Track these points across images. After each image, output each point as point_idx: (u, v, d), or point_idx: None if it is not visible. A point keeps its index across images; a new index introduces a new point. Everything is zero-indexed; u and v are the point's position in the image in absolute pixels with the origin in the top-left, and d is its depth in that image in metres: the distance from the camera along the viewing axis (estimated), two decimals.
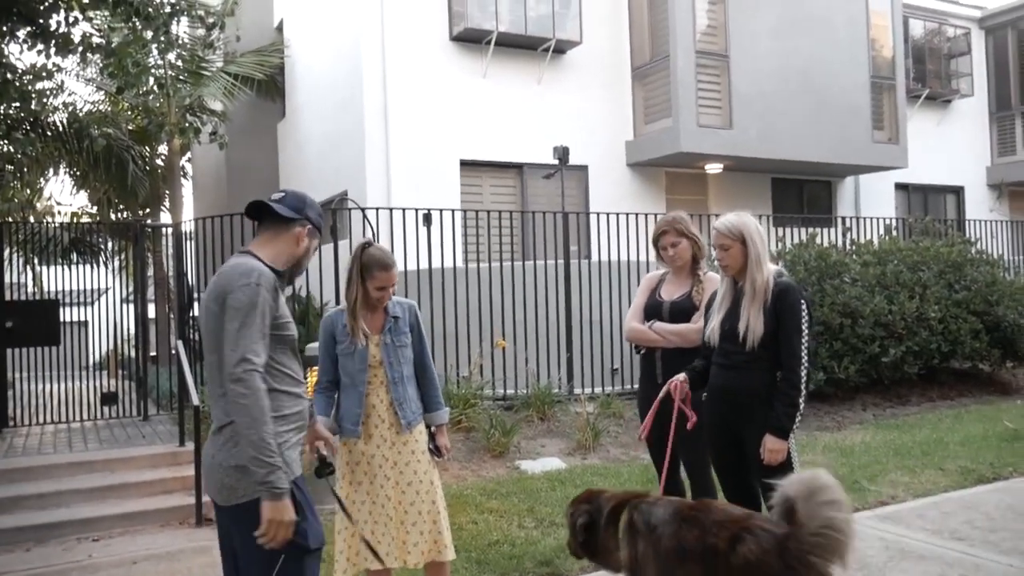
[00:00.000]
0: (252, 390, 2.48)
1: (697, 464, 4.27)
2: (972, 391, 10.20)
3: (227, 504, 2.62)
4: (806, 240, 10.01)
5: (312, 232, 2.82)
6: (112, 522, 6.13)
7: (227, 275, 2.63)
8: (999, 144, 17.46)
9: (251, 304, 2.54)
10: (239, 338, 2.52)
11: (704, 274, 4.31)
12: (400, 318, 3.89)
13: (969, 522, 5.36)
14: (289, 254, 2.78)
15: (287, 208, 2.78)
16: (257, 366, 2.51)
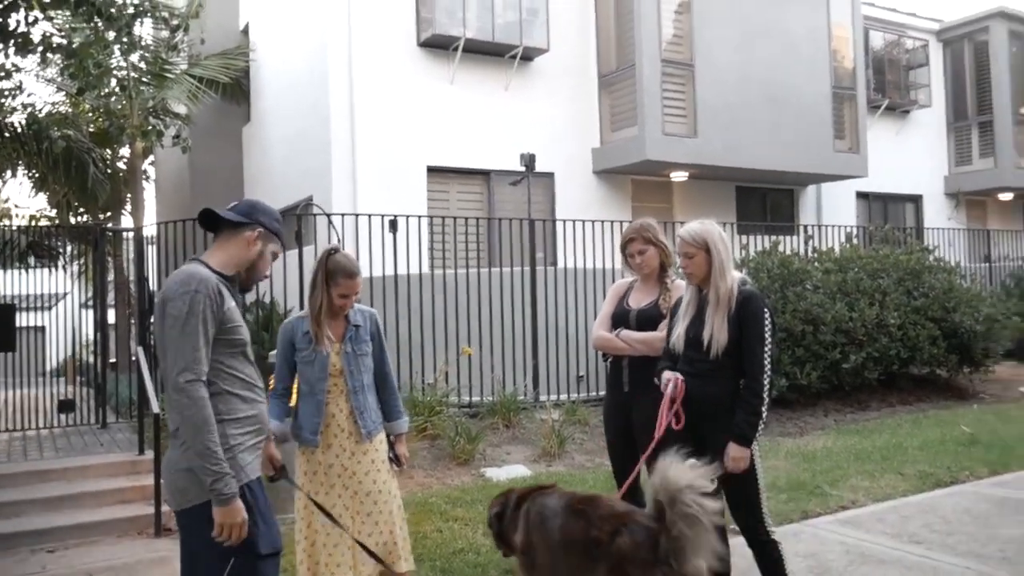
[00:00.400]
0: (193, 399, 2.51)
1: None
2: (930, 396, 10.38)
3: (179, 508, 2.64)
4: (769, 248, 10.13)
5: (266, 236, 2.83)
6: (68, 533, 5.99)
7: (169, 283, 2.64)
8: (956, 154, 17.83)
9: (189, 312, 2.55)
10: (179, 348, 2.54)
11: (672, 282, 4.31)
12: (361, 326, 3.85)
13: (927, 526, 5.45)
14: (240, 258, 2.79)
15: (236, 213, 2.81)
16: (198, 375, 2.53)
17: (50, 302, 12.14)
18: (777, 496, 6.12)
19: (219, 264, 2.73)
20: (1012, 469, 6.96)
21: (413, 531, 5.49)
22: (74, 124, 13.86)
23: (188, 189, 15.70)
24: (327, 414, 3.73)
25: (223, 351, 2.65)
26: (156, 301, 2.67)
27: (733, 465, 3.48)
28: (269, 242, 2.84)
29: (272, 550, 2.68)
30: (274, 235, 2.86)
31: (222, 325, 2.63)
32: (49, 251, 15.17)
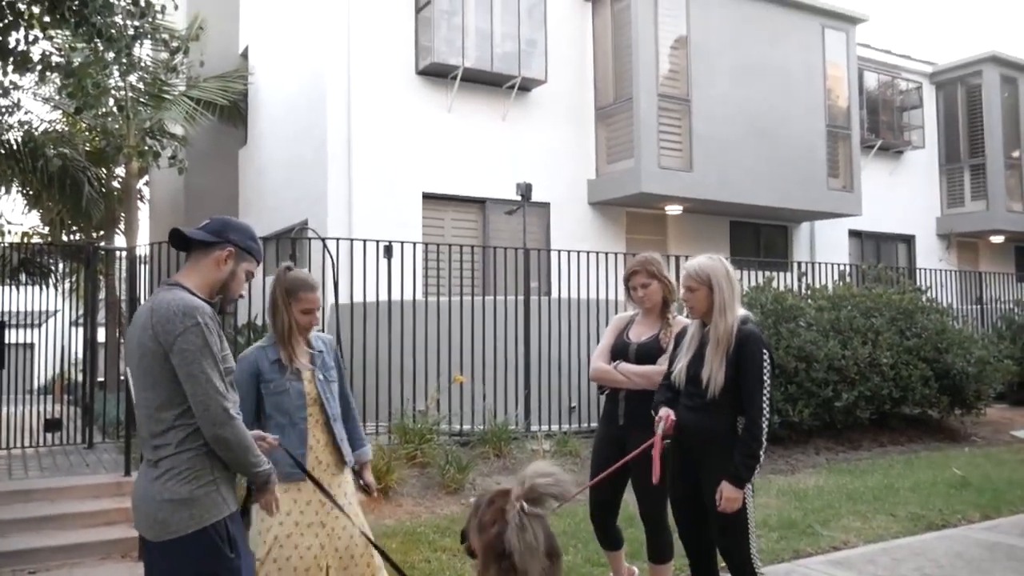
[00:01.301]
0: (238, 430, 2.58)
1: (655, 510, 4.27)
2: (922, 437, 10.36)
3: (157, 540, 2.55)
4: (763, 283, 10.15)
5: (238, 255, 2.76)
6: (50, 554, 5.89)
7: (164, 313, 2.55)
8: (948, 195, 17.99)
9: (204, 345, 2.53)
10: (210, 380, 2.52)
11: (673, 317, 4.33)
12: (324, 352, 3.73)
13: (919, 569, 5.41)
14: (213, 279, 2.73)
15: (207, 232, 2.74)
16: (232, 405, 2.57)
17: (40, 319, 12.06)
18: (768, 535, 6.07)
19: (195, 287, 2.67)
20: (1003, 514, 6.92)
21: (401, 560, 5.42)
22: (70, 143, 13.87)
23: (183, 210, 15.67)
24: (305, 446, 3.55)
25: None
26: (143, 327, 2.57)
27: (726, 505, 3.45)
28: (242, 261, 2.77)
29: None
30: (247, 253, 2.78)
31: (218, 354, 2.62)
32: (41, 268, 15.11)
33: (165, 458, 2.55)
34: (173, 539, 2.51)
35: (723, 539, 3.58)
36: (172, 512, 2.51)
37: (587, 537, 5.94)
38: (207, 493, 2.54)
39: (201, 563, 2.53)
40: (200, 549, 2.53)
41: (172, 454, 2.54)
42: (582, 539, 5.92)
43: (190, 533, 2.51)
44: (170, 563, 2.55)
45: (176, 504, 2.51)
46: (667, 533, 4.30)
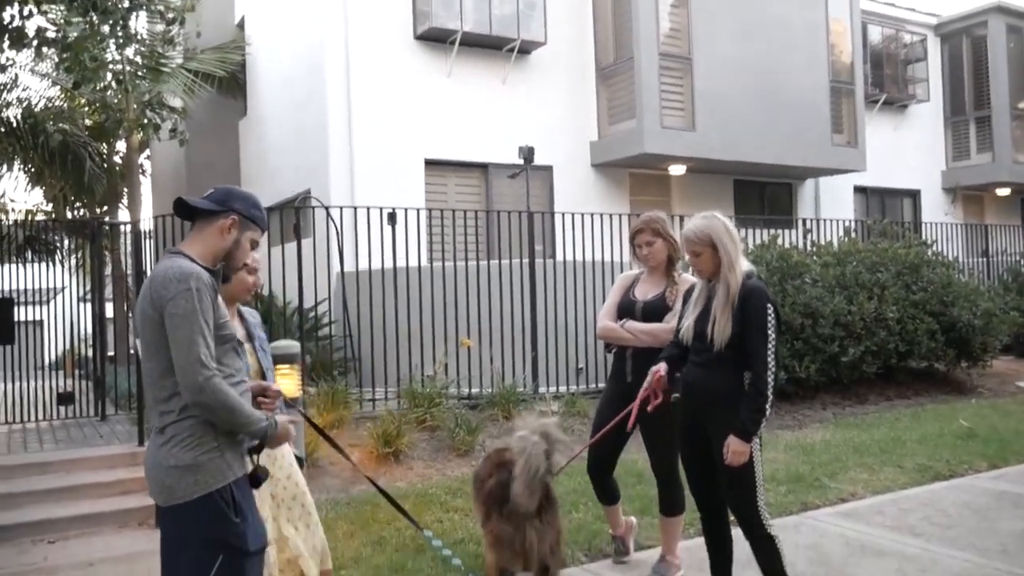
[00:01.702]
0: (218, 391, 2.52)
1: (666, 463, 4.34)
2: (928, 390, 10.40)
3: (166, 505, 2.61)
4: (768, 241, 10.13)
5: (242, 224, 2.75)
6: (68, 524, 5.98)
7: (162, 279, 2.56)
8: (954, 148, 17.85)
9: (193, 310, 2.51)
10: (191, 346, 2.50)
11: (679, 275, 4.36)
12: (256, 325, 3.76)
13: (927, 518, 5.47)
14: (217, 248, 2.73)
15: (211, 201, 2.74)
16: (214, 371, 2.52)
17: (48, 296, 12.11)
18: (776, 488, 6.13)
19: (199, 255, 2.67)
20: (1010, 463, 6.97)
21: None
22: (70, 118, 13.82)
23: (185, 183, 15.66)
24: None
25: (217, 348, 2.62)
26: (145, 296, 2.59)
27: (733, 459, 3.48)
28: (246, 229, 2.76)
29: (258, 547, 2.69)
30: (251, 221, 2.78)
31: (216, 321, 2.60)
32: (46, 245, 15.15)
33: (169, 425, 2.57)
34: (180, 504, 2.56)
35: (731, 493, 3.62)
36: (178, 478, 2.55)
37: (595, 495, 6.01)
38: (211, 459, 2.56)
39: (207, 528, 2.57)
40: (206, 514, 2.56)
41: (175, 421, 2.57)
42: (591, 497, 5.95)
43: (195, 498, 2.55)
44: (178, 528, 2.60)
45: (181, 470, 2.54)
46: (678, 487, 4.36)
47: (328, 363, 8.83)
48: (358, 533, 5.32)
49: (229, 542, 2.57)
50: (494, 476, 3.76)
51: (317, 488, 6.14)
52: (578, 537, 5.12)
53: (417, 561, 4.75)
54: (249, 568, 2.64)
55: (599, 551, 4.95)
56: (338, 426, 7.48)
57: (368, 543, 5.14)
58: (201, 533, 2.56)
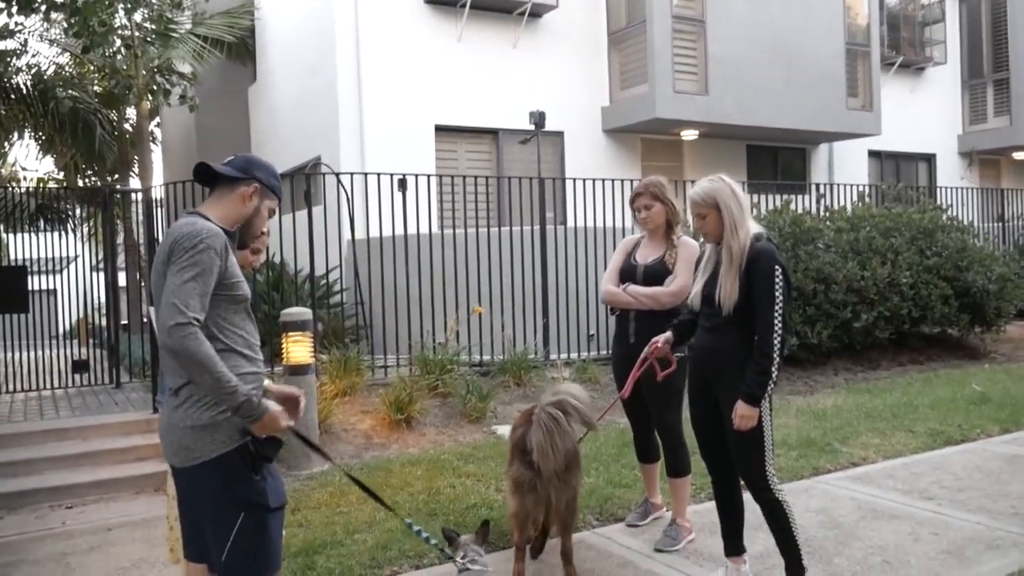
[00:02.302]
0: (188, 340, 2.44)
1: (666, 424, 4.40)
2: (941, 356, 10.36)
3: (184, 465, 2.60)
4: (781, 207, 10.05)
5: (263, 192, 2.78)
6: (86, 489, 6.07)
7: (174, 235, 2.57)
8: (971, 112, 17.60)
9: (194, 262, 2.50)
10: (175, 292, 2.47)
11: (678, 239, 4.43)
12: None
13: (938, 482, 5.47)
14: (237, 214, 2.74)
15: (232, 168, 2.75)
16: (191, 319, 2.45)
17: (61, 265, 12.17)
18: (788, 453, 6.14)
19: (218, 219, 2.67)
20: (1023, 427, 6.96)
21: (426, 487, 5.56)
22: (79, 85, 13.78)
23: (195, 150, 15.64)
24: None
25: (226, 307, 2.61)
26: (159, 254, 2.60)
27: (740, 423, 3.47)
28: (265, 198, 2.79)
29: (279, 504, 2.70)
30: (270, 191, 2.80)
31: (225, 279, 2.59)
32: (58, 214, 15.20)
33: (184, 386, 2.57)
34: (198, 463, 2.56)
35: (740, 457, 3.61)
36: (195, 438, 2.54)
37: (608, 460, 6.05)
38: (228, 418, 2.55)
39: (228, 486, 2.58)
40: (226, 473, 2.56)
41: (188, 381, 2.56)
42: (603, 462, 6.01)
43: (214, 457, 2.55)
44: (198, 488, 2.61)
45: (198, 430, 2.54)
46: (683, 448, 4.45)
47: (340, 330, 8.86)
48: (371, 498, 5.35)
49: (250, 499, 2.58)
50: (522, 427, 3.99)
51: (331, 454, 6.18)
52: (590, 501, 5.14)
53: (430, 525, 4.79)
54: (271, 524, 2.65)
55: (611, 515, 4.98)
56: (350, 393, 7.53)
57: (381, 507, 5.17)
58: (221, 492, 2.57)
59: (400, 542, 4.50)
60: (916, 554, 4.20)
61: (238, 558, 2.57)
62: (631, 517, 4.83)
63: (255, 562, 2.61)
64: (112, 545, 4.96)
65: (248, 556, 2.59)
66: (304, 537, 4.53)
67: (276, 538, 2.69)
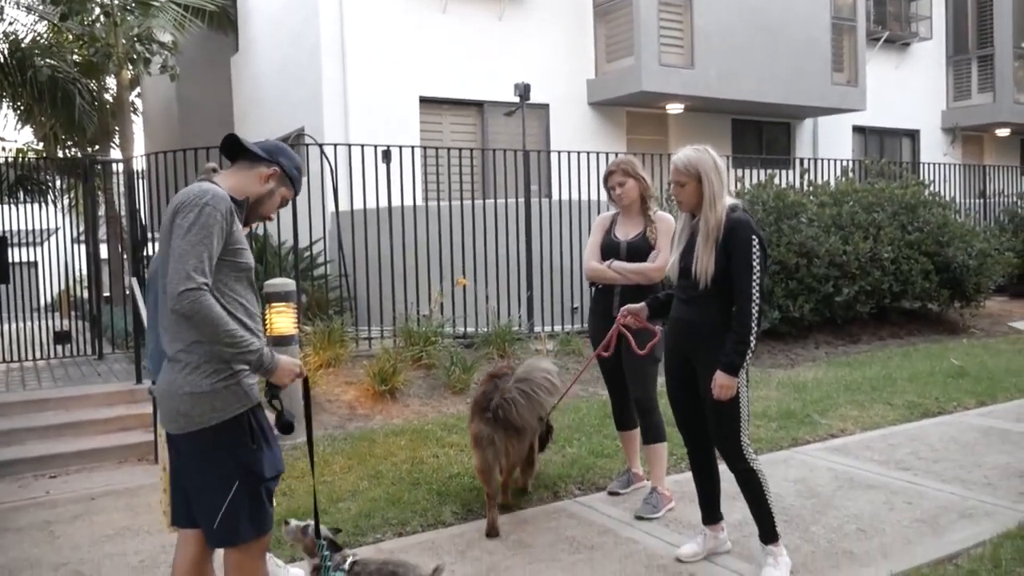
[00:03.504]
0: (199, 302, 2.45)
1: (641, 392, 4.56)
2: (921, 330, 10.48)
3: (181, 432, 2.61)
4: (764, 181, 10.08)
5: (280, 178, 2.81)
6: (69, 459, 6.06)
7: (180, 197, 2.59)
8: (955, 88, 17.65)
9: (199, 224, 2.49)
10: (184, 256, 2.47)
11: (654, 213, 4.57)
12: None
13: (914, 453, 5.56)
14: (251, 191, 2.76)
15: (258, 147, 2.79)
16: (200, 284, 2.46)
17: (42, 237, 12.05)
18: (768, 424, 6.22)
19: (229, 188, 2.68)
20: (999, 400, 7.06)
21: (409, 456, 5.60)
22: (58, 54, 13.56)
23: (177, 121, 15.49)
24: None
25: (229, 274, 2.61)
26: (166, 217, 2.61)
27: (719, 392, 3.50)
28: (282, 185, 2.83)
29: (275, 473, 2.72)
30: (289, 180, 2.85)
31: (229, 245, 2.58)
32: (38, 185, 15.01)
33: (182, 351, 2.58)
34: (196, 431, 2.57)
35: (716, 427, 3.64)
36: (193, 405, 2.55)
37: (591, 431, 6.11)
38: (227, 386, 2.57)
39: (224, 454, 2.59)
40: (224, 440, 2.59)
41: (188, 347, 2.57)
42: (586, 432, 6.07)
43: (212, 425, 2.56)
44: (195, 455, 2.62)
45: (197, 397, 2.55)
46: (656, 414, 4.57)
47: (324, 302, 8.85)
48: (355, 467, 5.40)
49: (247, 467, 2.60)
50: (483, 387, 4.51)
51: (315, 425, 6.20)
52: (571, 471, 5.20)
53: (413, 494, 4.84)
54: (265, 493, 2.68)
55: (592, 484, 5.03)
56: (335, 364, 7.54)
57: (365, 476, 5.22)
58: (218, 459, 2.59)
59: (383, 510, 4.54)
60: (890, 522, 4.27)
61: (231, 524, 2.60)
62: (613, 485, 4.89)
63: (247, 530, 2.64)
64: (96, 514, 4.97)
65: (241, 523, 2.62)
66: (288, 506, 4.55)
67: (269, 506, 2.71)
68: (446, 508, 4.62)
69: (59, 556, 4.29)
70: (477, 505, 4.64)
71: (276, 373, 2.66)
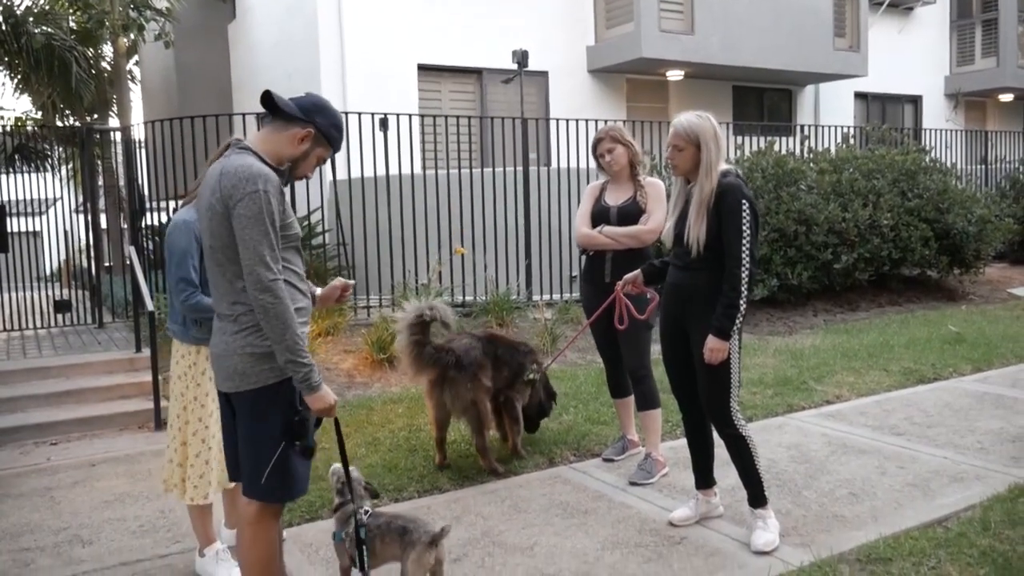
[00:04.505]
0: (279, 297, 2.55)
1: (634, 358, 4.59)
2: (920, 297, 10.48)
3: (237, 390, 2.67)
4: (764, 148, 10.03)
5: (316, 138, 2.76)
6: (70, 426, 6.13)
7: (232, 177, 2.58)
8: (958, 53, 17.49)
9: (260, 213, 2.54)
10: (257, 247, 2.54)
11: (644, 179, 4.61)
12: None
13: (908, 418, 5.59)
14: (285, 154, 2.74)
15: (294, 106, 2.74)
16: (279, 275, 2.56)
17: (43, 207, 12.05)
18: (764, 391, 6.25)
19: (266, 154, 2.69)
20: (995, 367, 7.09)
21: (407, 424, 5.65)
22: (53, 21, 13.43)
23: (175, 89, 15.39)
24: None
25: (281, 245, 2.65)
26: (213, 190, 2.62)
27: (710, 356, 3.52)
28: (318, 145, 2.77)
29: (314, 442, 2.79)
30: (326, 140, 2.79)
31: (281, 220, 2.63)
32: (37, 154, 14.96)
33: (243, 314, 2.64)
34: (253, 389, 2.64)
35: (706, 392, 3.66)
36: (252, 364, 2.62)
37: (587, 398, 6.15)
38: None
39: (278, 413, 2.66)
40: (277, 400, 2.66)
41: (250, 310, 2.63)
42: (582, 400, 6.11)
43: (269, 384, 2.63)
44: (249, 413, 2.69)
45: (256, 357, 2.62)
46: (649, 381, 4.61)
47: (322, 271, 8.84)
48: (353, 435, 5.44)
49: (294, 428, 2.67)
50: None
51: None
52: (567, 437, 5.24)
53: (410, 460, 4.89)
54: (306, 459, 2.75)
55: (587, 451, 5.07)
56: (333, 333, 7.57)
57: (363, 443, 5.27)
58: (270, 418, 2.66)
59: (380, 476, 4.59)
60: (882, 487, 4.31)
61: (276, 481, 2.67)
62: (608, 452, 4.93)
63: (288, 486, 2.72)
64: (96, 480, 5.03)
65: (284, 481, 2.69)
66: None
67: (305, 472, 2.77)
68: (442, 474, 4.67)
69: (59, 521, 4.35)
70: (472, 471, 4.68)
71: (316, 396, 2.65)
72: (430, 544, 2.94)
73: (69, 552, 3.94)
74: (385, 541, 3.03)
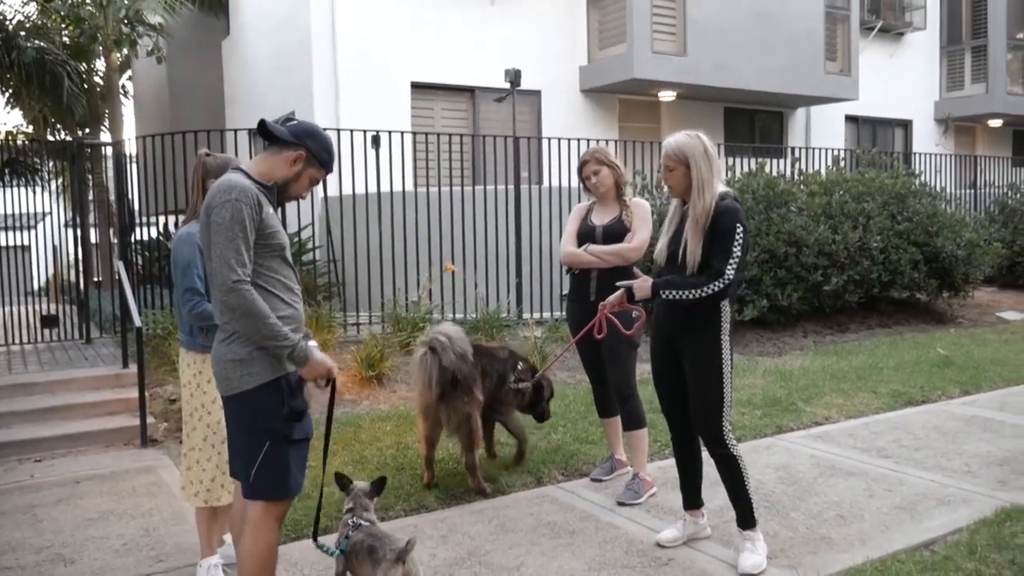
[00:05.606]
0: (243, 296, 2.69)
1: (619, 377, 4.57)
2: (909, 320, 10.52)
3: (226, 394, 2.86)
4: (755, 169, 10.08)
5: (308, 160, 2.93)
6: (54, 443, 6.06)
7: (213, 190, 2.79)
8: (948, 78, 17.66)
9: (231, 220, 2.69)
10: (224, 252, 2.69)
11: (629, 200, 4.65)
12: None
13: (896, 441, 5.59)
14: (278, 174, 2.92)
15: (288, 131, 2.93)
16: (242, 276, 2.70)
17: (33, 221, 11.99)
18: (752, 412, 6.25)
19: (258, 174, 2.87)
20: (983, 390, 7.11)
21: (395, 442, 5.62)
22: (46, 35, 13.46)
23: (167, 104, 15.41)
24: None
25: (264, 254, 2.81)
26: (204, 206, 2.80)
27: (638, 292, 3.67)
28: (310, 166, 2.95)
29: (304, 436, 2.91)
30: (318, 162, 2.95)
31: (261, 230, 2.78)
32: (28, 168, 14.93)
33: (228, 322, 2.79)
34: (237, 393, 2.81)
35: (698, 411, 3.65)
36: (233, 370, 2.79)
37: (576, 417, 6.13)
38: (263, 355, 2.78)
39: (258, 415, 2.82)
40: (259, 404, 2.81)
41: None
42: (571, 419, 6.09)
43: (249, 389, 2.79)
44: (235, 414, 2.87)
45: (236, 363, 2.79)
46: (635, 400, 4.61)
47: (312, 288, 8.84)
48: (340, 452, 5.41)
49: (276, 430, 2.81)
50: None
51: None
52: (555, 457, 5.22)
53: (397, 479, 4.85)
54: (292, 455, 2.87)
55: (575, 471, 5.05)
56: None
57: (350, 461, 5.23)
58: (253, 420, 2.82)
59: None
60: (870, 509, 4.31)
61: (262, 481, 2.83)
62: (596, 472, 4.91)
63: (276, 486, 2.86)
64: (80, 497, 4.97)
65: (270, 480, 2.84)
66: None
67: (297, 467, 2.90)
68: (429, 493, 4.64)
69: (41, 539, 4.30)
70: (460, 491, 4.66)
71: (308, 366, 2.84)
72: (396, 561, 2.98)
73: (51, 571, 3.89)
74: (358, 559, 3.11)
